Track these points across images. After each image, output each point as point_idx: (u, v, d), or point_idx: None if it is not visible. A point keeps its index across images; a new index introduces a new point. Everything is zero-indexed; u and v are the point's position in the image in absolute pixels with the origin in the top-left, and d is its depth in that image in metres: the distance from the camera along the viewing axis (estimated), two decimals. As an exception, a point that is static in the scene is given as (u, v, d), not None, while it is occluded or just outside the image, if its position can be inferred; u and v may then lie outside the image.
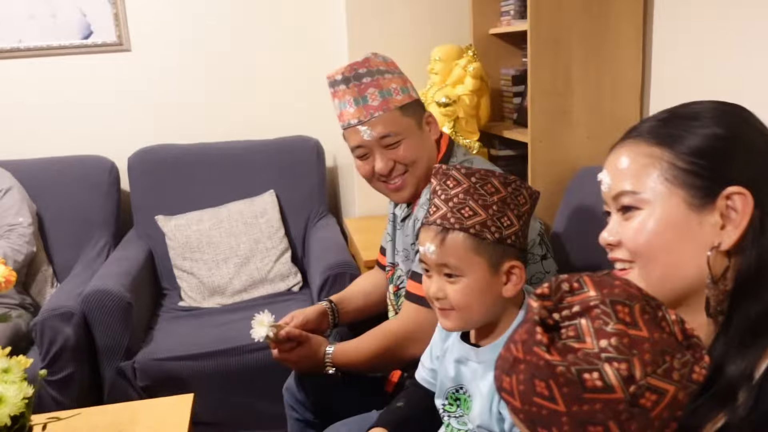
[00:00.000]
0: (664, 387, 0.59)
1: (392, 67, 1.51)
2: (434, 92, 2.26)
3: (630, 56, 1.97)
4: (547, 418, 0.61)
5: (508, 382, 0.65)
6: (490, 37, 2.42)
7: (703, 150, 0.75)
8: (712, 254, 0.73)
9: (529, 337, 0.63)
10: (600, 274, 0.65)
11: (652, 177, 0.76)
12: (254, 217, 2.61)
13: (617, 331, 0.60)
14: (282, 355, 1.54)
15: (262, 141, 2.80)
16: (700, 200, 0.74)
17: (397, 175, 1.49)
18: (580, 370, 0.59)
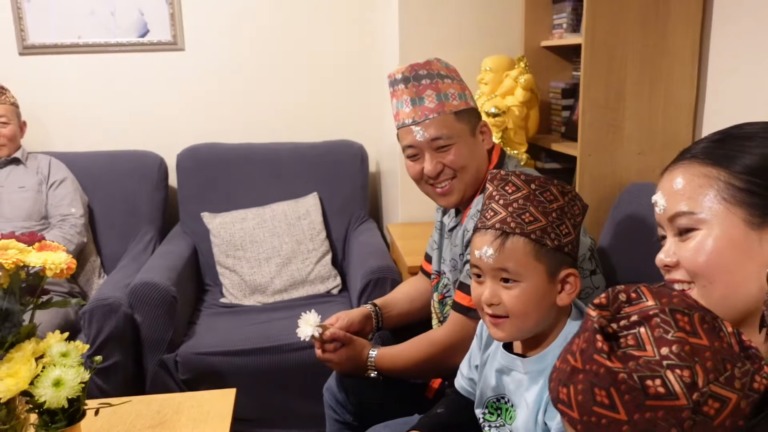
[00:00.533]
0: (727, 395, 0.59)
1: (453, 74, 1.52)
2: (483, 102, 2.27)
3: (685, 73, 1.95)
4: (606, 428, 0.61)
5: (565, 393, 0.65)
6: (541, 49, 2.42)
7: (759, 169, 0.74)
8: None
9: (588, 345, 0.63)
10: (656, 285, 0.66)
11: (708, 197, 0.75)
12: (297, 218, 2.65)
13: (678, 339, 0.61)
14: (326, 356, 1.56)
15: (308, 144, 2.83)
16: (759, 218, 0.74)
17: (445, 179, 1.49)
18: (643, 377, 0.59)
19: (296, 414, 2.18)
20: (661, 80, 1.96)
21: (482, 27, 2.53)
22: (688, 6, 1.92)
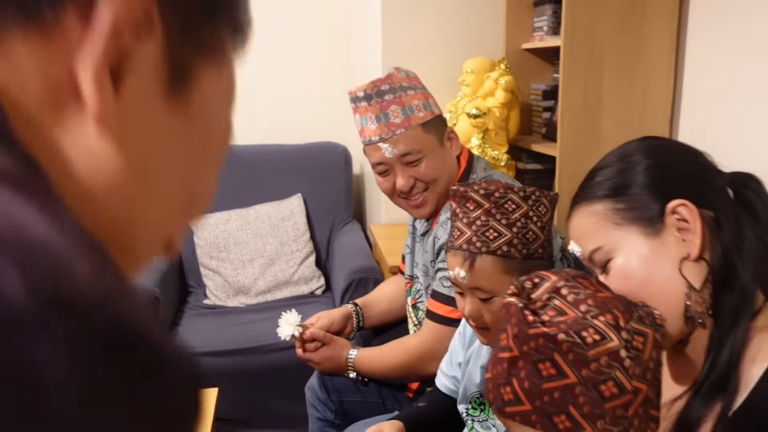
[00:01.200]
0: (644, 330, 0.67)
1: (415, 83, 1.50)
2: (465, 103, 2.29)
3: (662, 74, 1.98)
4: (560, 399, 0.65)
5: (509, 391, 0.68)
6: (522, 51, 2.44)
7: (633, 185, 0.80)
8: (687, 265, 0.77)
9: (520, 326, 0.68)
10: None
11: (604, 229, 0.81)
12: (281, 219, 2.65)
13: (589, 295, 0.70)
14: (306, 355, 1.57)
15: (292, 146, 2.84)
16: (651, 226, 0.78)
17: (417, 192, 1.48)
18: (577, 330, 0.65)
19: (279, 414, 2.19)
20: (638, 81, 1.99)
21: (464, 29, 2.55)
22: (664, 8, 1.95)
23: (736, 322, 0.75)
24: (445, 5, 2.54)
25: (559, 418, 0.66)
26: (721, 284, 0.77)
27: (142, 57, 0.34)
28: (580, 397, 0.65)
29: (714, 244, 0.77)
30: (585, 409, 0.65)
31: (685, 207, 0.77)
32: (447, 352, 1.32)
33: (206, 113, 0.39)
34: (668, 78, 1.98)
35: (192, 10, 0.37)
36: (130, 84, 0.33)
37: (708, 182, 0.81)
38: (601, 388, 0.65)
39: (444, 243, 1.43)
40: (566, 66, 1.98)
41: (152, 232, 0.40)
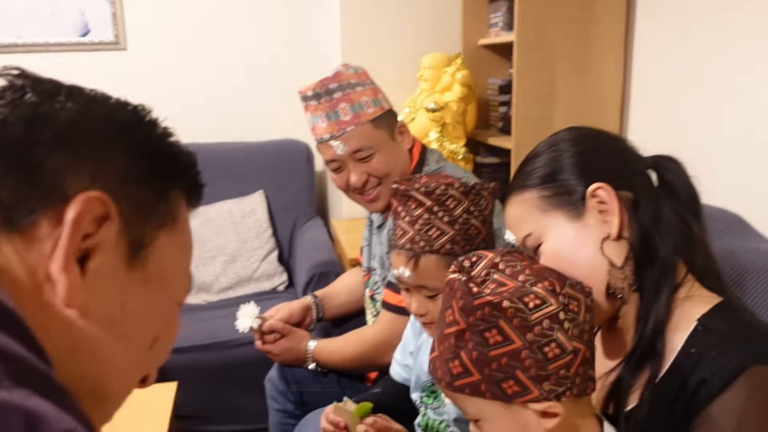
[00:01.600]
0: (577, 295, 0.71)
1: (363, 79, 1.51)
2: (423, 98, 2.32)
3: (611, 68, 2.04)
4: (507, 365, 0.69)
5: (458, 364, 0.71)
6: (479, 47, 2.48)
7: (552, 174, 0.85)
8: (609, 245, 0.81)
9: (465, 298, 0.70)
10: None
11: (533, 215, 0.85)
12: (243, 216, 2.65)
13: (525, 266, 0.74)
14: (265, 347, 1.58)
15: (254, 143, 2.84)
16: (574, 210, 0.83)
17: (371, 187, 1.50)
18: (520, 296, 0.69)
19: (240, 409, 2.19)
20: (589, 76, 2.04)
21: (421, 26, 2.58)
22: (613, 5, 2.00)
23: (659, 295, 0.80)
24: (403, 2, 2.57)
25: (507, 383, 0.69)
26: (644, 260, 0.81)
27: (103, 240, 0.44)
28: (526, 361, 0.68)
29: (632, 222, 0.82)
30: (532, 371, 0.69)
31: (603, 189, 0.81)
32: None
33: (164, 272, 0.49)
34: (618, 72, 2.04)
35: (147, 196, 0.48)
36: (94, 263, 0.44)
37: (627, 166, 0.86)
38: (545, 350, 0.68)
39: None
40: (520, 61, 2.02)
41: (123, 379, 0.48)
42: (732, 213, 1.40)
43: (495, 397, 0.70)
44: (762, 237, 1.34)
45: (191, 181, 0.54)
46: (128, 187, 0.47)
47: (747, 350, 0.72)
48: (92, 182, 0.44)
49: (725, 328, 0.76)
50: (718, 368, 0.72)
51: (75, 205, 0.43)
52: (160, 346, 0.51)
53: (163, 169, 0.51)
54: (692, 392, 0.73)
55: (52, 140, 0.44)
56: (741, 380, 0.70)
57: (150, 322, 0.49)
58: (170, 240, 0.50)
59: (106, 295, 0.45)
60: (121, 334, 0.46)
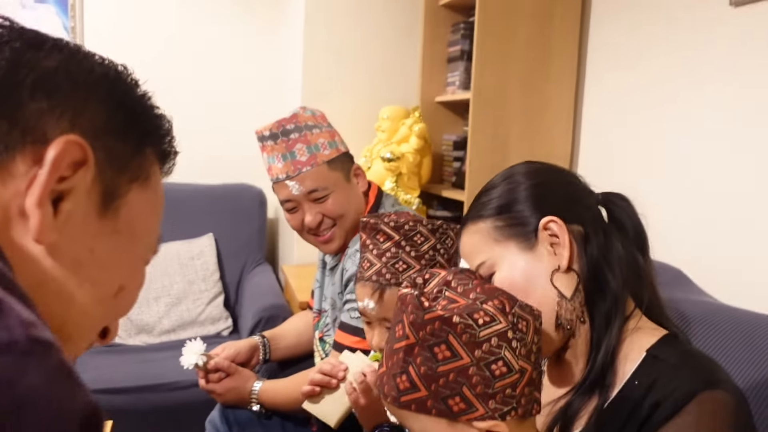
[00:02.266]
0: (527, 316, 0.72)
1: (320, 121, 1.53)
2: (380, 148, 2.36)
3: (562, 129, 2.14)
4: (455, 381, 0.69)
5: (405, 379, 0.70)
6: (436, 104, 2.56)
7: (507, 205, 0.87)
8: (558, 276, 0.84)
9: (416, 313, 0.70)
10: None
11: (487, 245, 0.87)
12: (190, 258, 2.60)
13: (477, 284, 0.74)
14: (209, 386, 1.53)
15: (206, 185, 2.82)
16: (527, 242, 0.85)
17: (325, 228, 1.51)
18: (470, 313, 0.69)
19: (178, 455, 2.10)
20: (541, 135, 2.13)
21: (382, 79, 2.66)
22: (564, 69, 2.12)
23: (609, 326, 0.82)
24: (364, 56, 2.64)
25: (453, 400, 0.68)
26: (594, 293, 0.84)
27: (77, 185, 0.46)
28: (473, 378, 0.68)
29: (582, 255, 0.84)
30: (478, 389, 0.68)
31: (555, 223, 0.84)
32: None
33: (134, 225, 0.51)
34: (568, 132, 2.14)
35: (122, 149, 0.50)
36: (67, 205, 0.46)
37: (578, 200, 0.89)
38: (492, 368, 0.68)
39: (352, 275, 1.45)
40: (475, 119, 2.09)
41: (87, 321, 0.50)
42: (673, 267, 1.46)
43: (440, 414, 0.69)
44: (702, 291, 1.40)
45: (166, 143, 0.56)
46: (105, 137, 0.49)
47: (697, 376, 0.75)
48: (71, 127, 0.46)
49: (674, 357, 0.78)
50: (671, 392, 0.74)
51: (56, 145, 0.44)
52: (125, 296, 0.53)
53: (140, 126, 0.53)
54: (646, 416, 0.74)
55: (35, 84, 0.46)
56: (693, 404, 0.72)
57: (117, 271, 0.51)
58: (142, 196, 0.52)
59: (76, 238, 0.47)
60: (88, 277, 0.48)
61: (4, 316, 0.34)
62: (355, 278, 1.17)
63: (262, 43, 3.01)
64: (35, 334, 0.34)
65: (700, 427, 0.71)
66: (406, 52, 2.67)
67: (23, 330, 0.34)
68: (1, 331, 0.33)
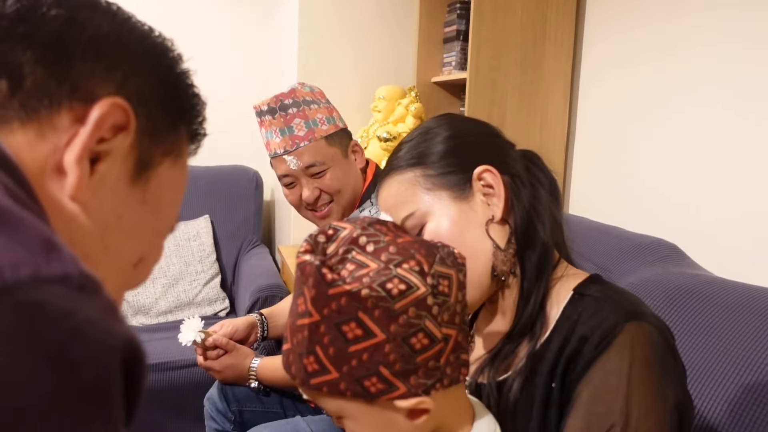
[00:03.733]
0: (448, 272, 0.64)
1: (318, 97, 1.53)
2: (376, 128, 2.37)
3: (558, 108, 2.14)
4: (369, 361, 0.61)
5: (313, 360, 0.62)
6: (432, 85, 2.56)
7: (443, 153, 0.85)
8: (493, 227, 0.83)
9: (318, 288, 0.60)
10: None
11: (416, 195, 0.84)
12: (187, 239, 2.61)
13: (389, 241, 0.65)
14: (207, 363, 1.54)
15: (202, 167, 2.82)
16: (461, 191, 0.83)
17: (323, 203, 1.51)
18: (382, 283, 0.60)
19: (176, 434, 2.11)
20: (537, 113, 2.13)
21: (378, 59, 2.65)
22: (561, 48, 2.11)
23: (540, 275, 0.82)
24: (360, 36, 2.64)
25: (370, 381, 0.61)
26: (525, 243, 0.83)
27: (116, 148, 0.47)
28: (390, 355, 0.61)
29: (515, 206, 0.83)
30: (396, 366, 0.61)
31: (490, 173, 0.83)
32: None
33: (160, 198, 0.52)
34: (563, 113, 2.14)
35: (162, 121, 0.51)
36: (103, 167, 0.46)
37: (507, 152, 0.88)
38: (412, 341, 0.61)
39: None
40: (471, 99, 2.09)
41: (106, 287, 0.49)
42: (669, 243, 1.47)
43: (356, 395, 0.62)
44: (696, 264, 1.41)
45: (198, 123, 0.56)
46: (148, 106, 0.49)
47: (622, 309, 0.75)
48: (118, 91, 0.47)
49: (599, 292, 0.79)
50: (597, 325, 0.74)
51: (102, 104, 0.45)
52: (143, 267, 0.53)
53: (180, 102, 0.54)
54: (574, 350, 0.75)
55: (88, 43, 0.46)
56: (621, 338, 0.73)
57: (139, 241, 0.51)
58: (172, 171, 0.53)
59: (107, 201, 0.47)
60: (113, 243, 0.48)
61: (57, 251, 0.34)
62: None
63: (258, 24, 3.00)
64: (86, 271, 0.35)
65: (633, 359, 0.71)
66: (402, 33, 2.67)
67: (75, 265, 0.35)
68: (55, 263, 0.34)
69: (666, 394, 0.72)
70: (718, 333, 1.07)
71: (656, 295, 1.22)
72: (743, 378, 0.98)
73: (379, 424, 0.65)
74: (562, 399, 0.75)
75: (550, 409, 0.76)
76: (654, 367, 0.72)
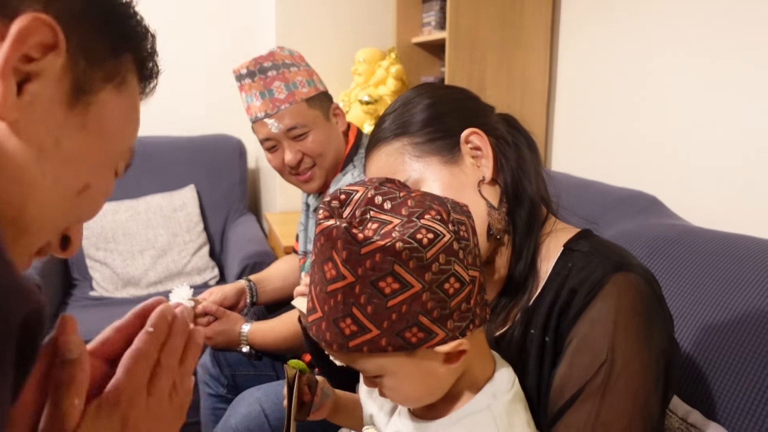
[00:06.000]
0: (462, 218, 0.67)
1: (298, 60, 1.52)
2: (357, 91, 2.36)
3: (539, 67, 2.14)
4: (408, 313, 0.63)
5: (351, 321, 0.62)
6: (412, 46, 2.55)
7: (427, 120, 0.85)
8: (484, 188, 0.84)
9: (349, 248, 0.61)
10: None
11: (406, 163, 0.85)
12: (173, 210, 2.61)
13: (405, 196, 0.67)
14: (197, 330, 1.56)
15: (186, 137, 2.80)
16: (450, 154, 0.84)
17: (306, 167, 1.51)
18: (411, 234, 0.62)
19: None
20: (517, 73, 2.13)
21: (356, 22, 2.63)
22: (539, 5, 2.10)
23: (530, 231, 0.84)
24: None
25: (410, 332, 0.63)
26: (515, 201, 0.85)
27: (46, 69, 0.44)
28: (428, 303, 0.63)
29: (504, 166, 0.85)
30: (434, 313, 0.63)
31: (477, 135, 0.84)
32: None
33: (103, 126, 0.50)
34: (544, 70, 2.14)
35: (98, 44, 0.49)
36: (33, 87, 0.44)
37: (487, 114, 0.89)
38: (445, 287, 0.64)
39: None
40: (451, 58, 2.09)
41: (46, 214, 0.48)
42: (649, 195, 1.50)
43: (398, 348, 0.64)
44: (675, 215, 1.43)
45: (145, 51, 0.55)
46: (81, 26, 0.47)
47: (608, 261, 0.77)
48: (45, 8, 0.45)
49: (587, 246, 0.81)
50: (585, 277, 0.76)
51: (21, 20, 0.43)
52: (89, 196, 0.51)
53: (118, 25, 0.52)
54: (564, 303, 0.77)
55: None
56: (608, 288, 0.74)
57: (82, 168, 0.50)
58: (115, 99, 0.51)
59: (41, 123, 0.46)
60: (52, 169, 0.47)
61: None
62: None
63: (234, -10, 2.95)
64: None
65: (619, 308, 0.73)
66: (380, -7, 2.64)
67: None
68: None
69: (652, 341, 0.73)
70: (696, 280, 1.09)
71: (637, 246, 1.24)
72: (718, 320, 1.01)
73: (419, 374, 0.67)
74: (555, 350, 0.77)
75: (545, 362, 0.78)
76: (640, 315, 0.74)
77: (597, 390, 0.72)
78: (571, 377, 0.74)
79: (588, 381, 0.72)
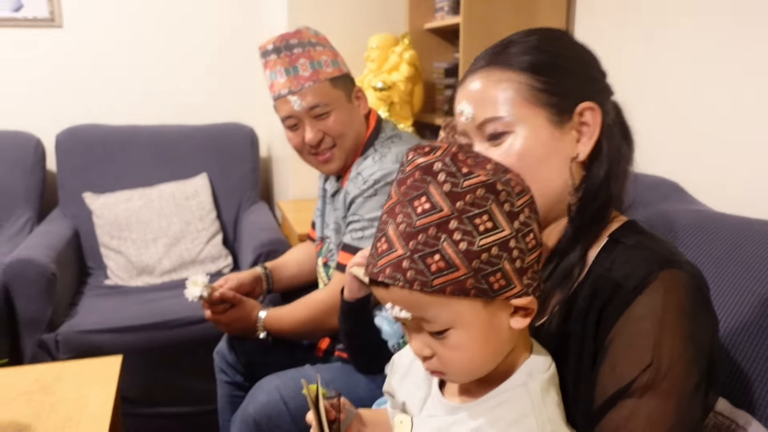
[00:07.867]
0: (526, 189, 0.67)
1: (323, 41, 1.52)
2: (371, 78, 2.34)
3: (554, 51, 2.11)
4: (496, 256, 0.61)
5: (439, 259, 0.60)
6: (425, 31, 2.52)
7: (561, 71, 0.79)
8: (573, 165, 0.80)
9: (451, 179, 0.61)
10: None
11: (515, 101, 0.78)
12: (186, 198, 2.60)
13: (485, 158, 0.66)
14: (214, 317, 1.55)
15: (196, 126, 2.80)
16: (558, 116, 0.78)
17: (326, 147, 1.51)
18: (506, 180, 0.63)
19: (187, 390, 2.14)
20: (533, 57, 2.10)
21: (368, 8, 2.60)
22: (555, -12, 2.07)
23: (593, 227, 0.80)
24: (350, -15, 2.58)
25: (495, 277, 0.61)
26: (593, 192, 0.80)
27: None
28: (514, 251, 0.62)
29: (601, 154, 0.80)
30: (517, 263, 0.62)
31: (593, 112, 0.79)
32: None
33: None
34: (559, 54, 2.11)
35: None
36: None
37: (604, 94, 0.84)
38: (528, 239, 0.63)
39: (355, 196, 1.46)
40: (465, 43, 2.06)
41: None
42: (670, 181, 1.48)
43: (479, 293, 0.61)
44: (696, 201, 1.42)
45: None
46: None
47: (657, 256, 0.74)
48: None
49: (632, 239, 0.77)
50: (631, 272, 0.73)
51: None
52: None
53: None
54: (607, 298, 0.73)
55: None
56: (654, 285, 0.71)
57: None
58: None
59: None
60: None
61: None
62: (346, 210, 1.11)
63: (245, -24, 2.93)
64: None
65: (666, 306, 0.70)
66: (392, -22, 2.61)
67: None
68: None
69: (698, 341, 0.71)
70: (722, 266, 1.08)
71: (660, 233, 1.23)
72: (742, 306, 0.99)
73: (487, 329, 0.65)
74: (596, 346, 0.74)
75: (584, 357, 0.75)
76: (687, 314, 0.71)
77: (641, 391, 0.70)
78: (614, 376, 0.71)
79: (631, 381, 0.70)
